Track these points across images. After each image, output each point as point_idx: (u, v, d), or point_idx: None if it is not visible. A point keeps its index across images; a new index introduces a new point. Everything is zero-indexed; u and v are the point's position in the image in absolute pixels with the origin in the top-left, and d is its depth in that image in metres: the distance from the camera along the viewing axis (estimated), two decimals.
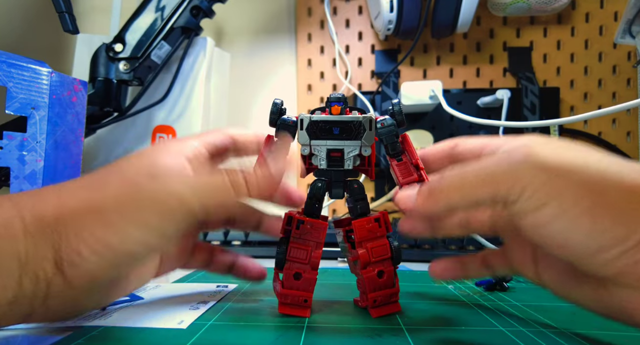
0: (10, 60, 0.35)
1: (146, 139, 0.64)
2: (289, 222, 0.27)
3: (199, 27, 0.61)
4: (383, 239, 0.27)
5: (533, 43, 0.72)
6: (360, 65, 0.76)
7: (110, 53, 0.57)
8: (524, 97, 0.68)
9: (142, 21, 0.58)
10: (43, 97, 0.37)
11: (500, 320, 0.26)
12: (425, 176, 0.27)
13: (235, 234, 0.54)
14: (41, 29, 0.72)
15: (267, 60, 0.79)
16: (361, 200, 0.28)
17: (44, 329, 0.24)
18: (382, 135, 0.27)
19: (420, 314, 0.27)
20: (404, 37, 0.67)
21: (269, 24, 0.79)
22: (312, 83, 0.77)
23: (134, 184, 0.22)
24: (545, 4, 0.64)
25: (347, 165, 0.27)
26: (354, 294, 0.31)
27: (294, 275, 0.26)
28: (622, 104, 0.36)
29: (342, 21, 0.76)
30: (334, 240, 0.50)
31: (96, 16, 0.79)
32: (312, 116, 0.27)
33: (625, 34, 0.57)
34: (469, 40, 0.73)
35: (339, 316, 0.27)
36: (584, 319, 0.27)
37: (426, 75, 0.74)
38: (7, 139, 0.35)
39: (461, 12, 0.61)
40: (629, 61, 0.70)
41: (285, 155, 0.25)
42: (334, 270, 0.43)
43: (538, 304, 0.30)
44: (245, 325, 0.25)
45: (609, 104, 0.70)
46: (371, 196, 0.73)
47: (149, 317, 0.26)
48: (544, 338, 0.23)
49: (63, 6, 0.47)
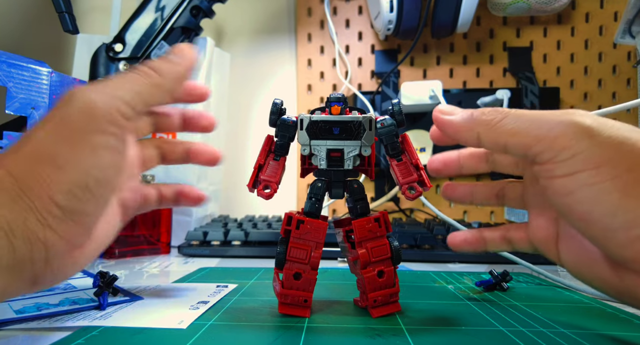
0: (10, 60, 0.35)
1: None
2: (289, 222, 0.27)
3: (199, 27, 0.61)
4: (383, 239, 0.27)
5: (533, 43, 0.72)
6: (360, 65, 0.76)
7: (110, 53, 0.57)
8: (524, 97, 0.68)
9: (142, 21, 0.58)
10: (43, 97, 0.37)
11: (500, 320, 0.26)
12: (425, 176, 0.27)
13: (235, 234, 0.54)
14: (41, 29, 0.72)
15: (267, 60, 0.79)
16: (361, 200, 0.28)
17: (44, 328, 0.24)
18: (382, 135, 0.27)
19: (420, 314, 0.27)
20: (404, 37, 0.67)
21: (269, 24, 0.80)
22: (312, 83, 0.77)
23: (59, 111, 0.22)
24: (545, 4, 0.64)
25: (347, 165, 0.27)
26: (354, 294, 0.31)
27: (294, 275, 0.26)
28: (622, 104, 0.36)
29: (342, 21, 0.76)
30: (334, 240, 0.50)
31: (96, 16, 0.79)
32: (312, 116, 0.27)
33: (625, 34, 0.57)
34: (469, 40, 0.73)
35: (339, 316, 0.27)
36: (583, 318, 0.27)
37: (426, 75, 0.74)
38: (7, 139, 0.35)
39: (461, 12, 0.61)
40: (629, 61, 0.70)
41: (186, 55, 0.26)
42: (334, 270, 0.43)
43: (538, 304, 0.30)
44: (245, 325, 0.25)
45: (609, 104, 0.70)
46: (371, 196, 0.73)
47: (149, 317, 0.26)
48: (544, 338, 0.23)
49: (63, 6, 0.47)
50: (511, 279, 0.35)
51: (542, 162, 0.21)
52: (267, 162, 0.28)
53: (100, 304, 0.28)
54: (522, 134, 0.21)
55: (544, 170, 0.21)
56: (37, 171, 0.20)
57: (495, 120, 0.22)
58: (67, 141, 0.21)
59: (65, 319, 0.25)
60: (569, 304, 0.30)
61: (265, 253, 0.52)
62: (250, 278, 0.38)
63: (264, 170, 0.27)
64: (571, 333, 0.24)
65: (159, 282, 0.37)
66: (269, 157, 0.28)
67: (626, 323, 0.26)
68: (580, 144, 0.20)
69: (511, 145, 0.22)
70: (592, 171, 0.19)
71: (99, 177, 0.21)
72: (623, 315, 0.28)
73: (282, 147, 0.28)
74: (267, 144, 0.28)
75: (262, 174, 0.27)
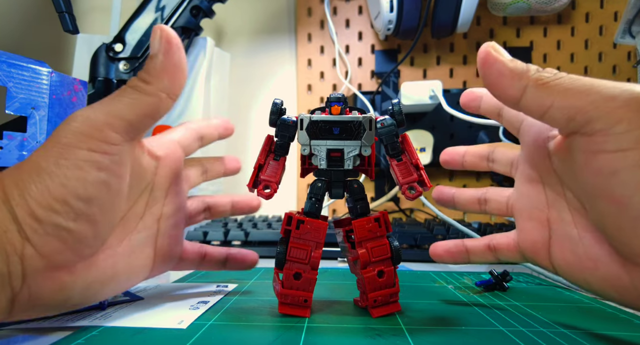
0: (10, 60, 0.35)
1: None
2: (289, 222, 0.27)
3: (199, 27, 0.61)
4: (383, 239, 0.27)
5: (533, 43, 0.72)
6: (360, 65, 0.76)
7: (110, 53, 0.57)
8: None
9: (142, 21, 0.58)
10: (43, 97, 0.37)
11: (500, 320, 0.26)
12: (426, 176, 0.27)
13: (235, 234, 0.54)
14: (41, 29, 0.72)
15: (267, 60, 0.79)
16: (361, 200, 0.28)
17: (44, 328, 0.24)
18: (382, 135, 0.27)
19: (420, 314, 0.27)
20: (404, 37, 0.67)
21: (269, 24, 0.80)
22: (312, 83, 0.77)
23: (52, 135, 0.21)
24: (545, 4, 0.64)
25: (347, 165, 0.27)
26: (354, 294, 0.31)
27: (294, 275, 0.26)
28: None
29: (342, 21, 0.76)
30: (334, 240, 0.50)
31: (96, 16, 0.79)
32: (312, 116, 0.27)
33: (625, 34, 0.57)
34: (469, 40, 0.73)
35: (339, 316, 0.27)
36: (584, 318, 0.27)
37: (426, 75, 0.74)
38: (7, 139, 0.35)
39: (461, 12, 0.61)
40: (629, 61, 0.70)
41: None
42: (334, 270, 0.43)
43: (538, 304, 0.30)
44: (245, 325, 0.25)
45: None
46: (371, 196, 0.73)
47: (149, 317, 0.26)
48: (544, 338, 0.23)
49: (63, 6, 0.47)
50: (511, 279, 0.35)
51: (592, 132, 0.19)
52: (267, 162, 0.28)
53: (101, 304, 0.28)
54: (578, 96, 0.19)
55: (591, 142, 0.19)
56: (22, 181, 0.20)
57: (551, 78, 0.20)
58: (54, 155, 0.20)
59: (65, 318, 0.25)
60: (569, 304, 0.30)
61: (265, 253, 0.52)
62: (250, 278, 0.38)
63: (264, 170, 0.27)
64: (571, 333, 0.24)
65: (159, 282, 0.37)
66: (269, 157, 0.28)
67: (626, 323, 0.26)
68: (639, 120, 0.17)
69: (558, 108, 0.19)
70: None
71: (80, 194, 0.20)
72: (623, 315, 0.28)
73: (282, 147, 0.28)
74: (267, 144, 0.28)
75: (262, 174, 0.27)
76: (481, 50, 0.22)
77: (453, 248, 0.28)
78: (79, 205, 0.20)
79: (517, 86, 0.21)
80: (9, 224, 0.19)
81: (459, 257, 0.29)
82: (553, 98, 0.20)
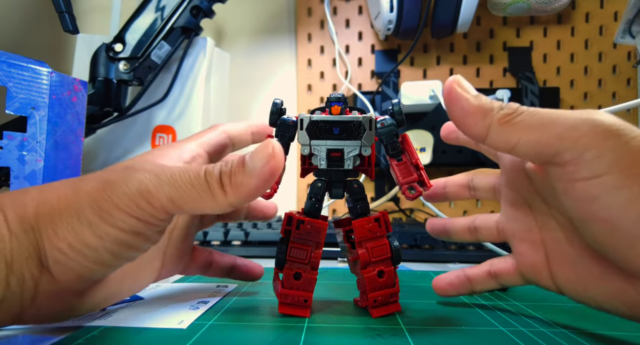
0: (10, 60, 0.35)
1: (146, 139, 0.64)
2: (289, 222, 0.27)
3: (199, 27, 0.61)
4: (383, 239, 0.27)
5: (533, 43, 0.72)
6: (360, 65, 0.76)
7: (110, 53, 0.57)
8: (524, 97, 0.68)
9: (142, 21, 0.58)
10: (43, 97, 0.37)
11: (500, 320, 0.26)
12: (426, 176, 0.27)
13: (235, 234, 0.54)
14: (41, 29, 0.72)
15: (267, 60, 0.79)
16: (361, 200, 0.28)
17: (44, 328, 0.24)
18: (382, 135, 0.27)
19: (420, 314, 0.27)
20: (404, 37, 0.67)
21: (269, 24, 0.79)
22: (312, 83, 0.77)
23: (108, 179, 0.20)
24: (545, 4, 0.64)
25: (347, 165, 0.27)
26: (354, 294, 0.31)
27: (294, 275, 0.26)
28: (622, 104, 0.36)
29: (342, 21, 0.76)
30: (334, 240, 0.50)
31: (96, 16, 0.79)
32: (312, 116, 0.27)
33: (625, 34, 0.57)
34: (469, 40, 0.73)
35: (339, 316, 0.27)
36: (584, 318, 0.27)
37: (426, 75, 0.74)
38: (7, 139, 0.35)
39: (461, 12, 0.61)
40: (629, 61, 0.70)
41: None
42: (334, 270, 0.43)
43: (538, 304, 0.30)
44: (245, 325, 0.25)
45: (609, 104, 0.70)
46: (371, 196, 0.73)
47: (149, 317, 0.26)
48: (544, 338, 0.23)
49: (63, 6, 0.47)
50: None
51: (563, 163, 0.19)
52: None
53: None
54: (541, 130, 0.19)
55: (565, 172, 0.19)
56: (59, 218, 0.19)
57: (513, 116, 0.20)
58: (100, 207, 0.19)
59: None
60: (569, 304, 0.30)
61: (265, 253, 0.52)
62: None
63: None
64: (571, 333, 0.24)
65: (159, 282, 0.37)
66: None
67: (626, 323, 0.26)
68: (606, 144, 0.18)
69: (525, 144, 0.20)
70: (620, 174, 0.17)
71: (114, 250, 0.20)
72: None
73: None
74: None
75: None
76: (446, 85, 0.22)
77: (455, 280, 0.28)
78: (108, 257, 0.20)
79: (481, 125, 0.21)
80: (33, 251, 0.19)
81: (462, 289, 0.29)
82: (518, 135, 0.20)
